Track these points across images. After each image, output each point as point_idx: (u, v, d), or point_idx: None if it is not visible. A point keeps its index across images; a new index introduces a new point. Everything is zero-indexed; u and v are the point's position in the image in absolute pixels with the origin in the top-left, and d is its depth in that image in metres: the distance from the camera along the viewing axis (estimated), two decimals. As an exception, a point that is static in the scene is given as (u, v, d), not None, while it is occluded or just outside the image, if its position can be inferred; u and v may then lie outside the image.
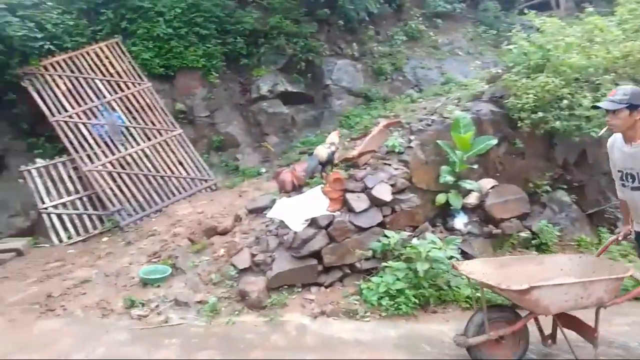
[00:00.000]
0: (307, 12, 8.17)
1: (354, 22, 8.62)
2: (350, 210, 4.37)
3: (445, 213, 4.84)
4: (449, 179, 4.68)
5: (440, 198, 4.69)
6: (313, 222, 4.29)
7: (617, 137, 2.65)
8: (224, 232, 4.77)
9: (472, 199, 4.78)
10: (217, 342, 3.36)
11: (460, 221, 4.75)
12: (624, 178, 2.66)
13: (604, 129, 2.79)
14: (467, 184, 4.73)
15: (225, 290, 4.05)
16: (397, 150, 4.88)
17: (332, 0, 8.23)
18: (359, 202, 4.37)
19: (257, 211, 4.96)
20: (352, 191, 4.49)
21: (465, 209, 4.79)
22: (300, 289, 4.10)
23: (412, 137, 5.04)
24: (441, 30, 9.69)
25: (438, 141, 4.82)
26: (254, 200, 5.26)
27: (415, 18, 9.38)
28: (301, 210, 4.48)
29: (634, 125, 2.51)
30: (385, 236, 4.20)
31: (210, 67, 7.55)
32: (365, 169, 4.77)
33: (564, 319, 2.91)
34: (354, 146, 5.50)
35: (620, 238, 2.99)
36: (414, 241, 4.15)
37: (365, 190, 4.44)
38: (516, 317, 2.91)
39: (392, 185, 4.50)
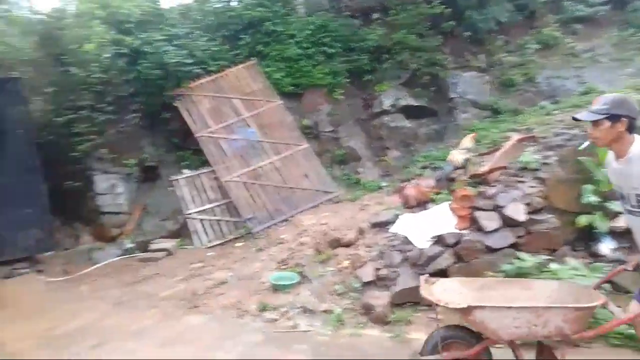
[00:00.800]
0: (432, 26, 8.10)
1: (482, 32, 8.31)
2: (480, 229, 4.18)
3: (587, 236, 4.38)
4: (593, 199, 4.23)
5: (582, 220, 4.26)
6: (439, 240, 4.19)
7: (612, 152, 2.24)
8: (347, 244, 4.89)
9: (622, 223, 4.26)
10: (344, 352, 3.45)
11: (606, 246, 4.26)
12: (621, 198, 2.25)
13: (586, 143, 2.31)
14: (615, 206, 4.23)
15: (349, 301, 4.14)
16: (531, 166, 4.57)
17: (458, 12, 8.04)
18: (489, 221, 4.16)
19: (380, 225, 5.00)
20: (482, 209, 4.29)
21: (612, 233, 4.29)
22: (424, 307, 4.03)
23: (549, 153, 4.68)
24: (580, 36, 8.88)
25: (580, 158, 4.41)
26: (377, 214, 5.31)
27: (549, 25, 8.73)
28: (426, 226, 4.41)
29: (618, 138, 2.11)
30: (519, 258, 3.94)
31: (335, 84, 7.87)
32: (495, 186, 4.54)
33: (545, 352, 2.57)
34: (482, 162, 5.28)
35: (630, 268, 2.47)
36: (553, 266, 3.83)
37: (497, 208, 4.23)
38: (477, 341, 2.63)
39: (526, 205, 4.22)
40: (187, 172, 7.01)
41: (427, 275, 2.96)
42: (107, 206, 6.90)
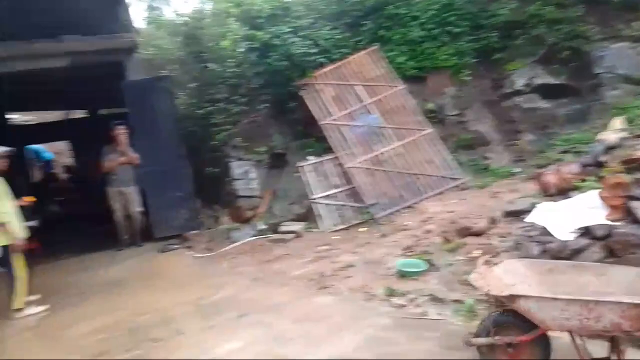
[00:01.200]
0: (574, -7, 7.28)
1: (637, -4, 7.25)
2: (636, 221, 3.70)
3: None
4: None
5: None
6: (586, 232, 3.80)
7: None
8: (478, 234, 4.68)
9: None
10: (477, 344, 3.33)
11: None
12: None
13: None
14: None
15: (481, 293, 3.97)
16: None
17: (607, -26, 7.10)
18: (649, 212, 3.67)
19: (515, 214, 4.70)
20: (638, 198, 3.80)
21: None
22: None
23: None
24: None
25: None
26: (511, 202, 4.99)
27: None
28: (569, 216, 4.03)
29: None
30: (687, 256, 3.42)
31: (460, 65, 7.52)
32: (656, 172, 3.97)
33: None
34: (637, 144, 4.64)
35: None
36: None
37: (658, 198, 3.70)
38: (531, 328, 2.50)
39: (697, 194, 3.63)
40: (312, 159, 7.29)
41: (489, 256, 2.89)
42: (242, 190, 7.50)
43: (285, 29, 7.24)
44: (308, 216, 7.06)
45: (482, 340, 2.67)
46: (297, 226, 6.73)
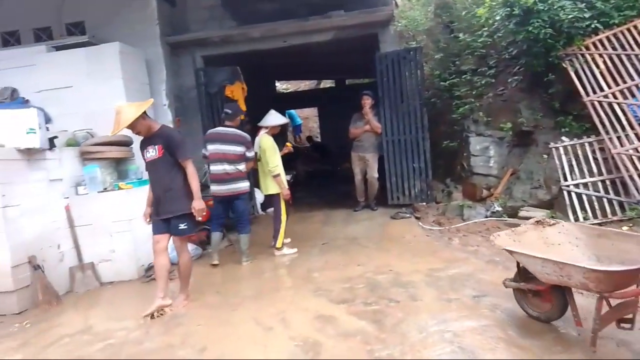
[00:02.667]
0: None
1: None
2: None
3: None
4: None
5: None
6: None
7: None
8: None
9: None
10: None
11: None
12: None
13: None
14: None
15: None
16: None
17: None
18: None
19: None
20: None
21: None
22: None
23: None
24: None
25: None
26: None
27: None
28: None
29: None
30: None
31: None
32: None
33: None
34: None
35: None
36: None
37: None
38: None
39: None
40: (566, 140, 6.40)
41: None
42: (478, 167, 7.16)
43: (553, -9, 6.37)
44: (554, 204, 6.29)
45: (512, 284, 3.22)
46: (539, 213, 6.07)
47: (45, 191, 5.20)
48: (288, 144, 6.27)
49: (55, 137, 5.49)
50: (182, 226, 4.18)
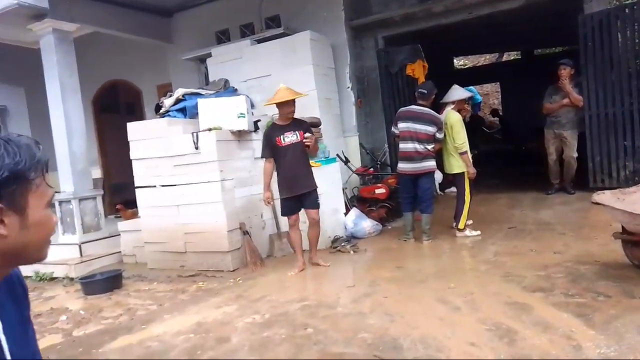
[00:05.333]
0: None
1: None
2: None
3: None
4: None
5: None
6: None
7: None
8: None
9: None
10: None
11: None
12: None
13: None
14: None
15: None
16: None
17: None
18: None
19: None
20: None
21: None
22: None
23: None
24: None
25: None
26: None
27: None
28: None
29: None
30: None
31: None
32: None
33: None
34: None
35: None
36: None
37: None
38: None
39: None
40: None
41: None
42: None
43: None
44: None
45: (621, 236, 3.76)
46: None
47: (250, 167, 5.97)
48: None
49: (258, 120, 6.24)
50: (318, 200, 4.97)
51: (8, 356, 0.95)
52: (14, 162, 0.94)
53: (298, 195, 4.89)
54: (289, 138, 4.81)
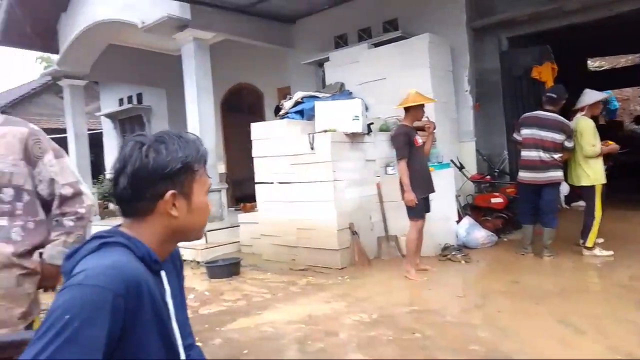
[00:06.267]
0: None
1: None
2: None
3: None
4: None
5: None
6: None
7: None
8: None
9: None
10: None
11: None
12: None
13: None
14: None
15: None
16: None
17: None
18: None
19: None
20: None
21: None
22: None
23: None
24: None
25: None
26: None
27: None
28: None
29: None
30: None
31: None
32: None
33: None
34: None
35: None
36: None
37: None
38: None
39: None
40: None
41: None
42: None
43: None
44: None
45: None
46: None
47: (362, 169, 6.08)
48: (609, 142, 5.31)
49: (372, 123, 6.33)
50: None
51: (174, 317, 1.13)
52: (185, 155, 1.12)
53: (427, 197, 4.99)
54: (420, 139, 4.94)
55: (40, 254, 1.79)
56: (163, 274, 1.15)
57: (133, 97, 13.52)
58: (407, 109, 4.89)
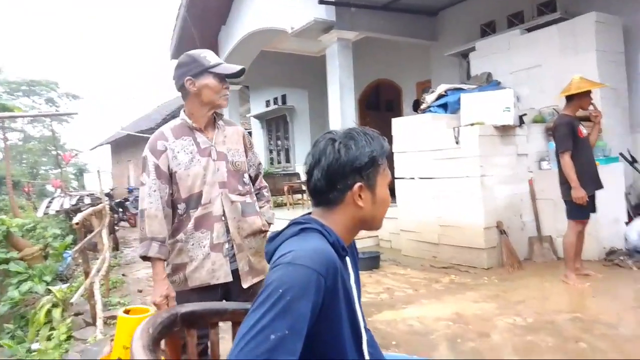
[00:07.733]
0: None
1: None
2: None
3: None
4: None
5: None
6: None
7: None
8: None
9: None
10: None
11: None
12: None
13: None
14: None
15: None
16: None
17: None
18: None
19: None
20: None
21: None
22: None
23: None
24: None
25: None
26: None
27: None
28: None
29: None
30: None
31: None
32: None
33: None
34: None
35: None
36: None
37: None
38: None
39: None
40: None
41: None
42: None
43: None
44: None
45: None
46: None
47: (513, 164, 5.69)
48: None
49: (524, 114, 5.88)
50: None
51: (357, 301, 1.23)
52: (371, 150, 1.20)
53: (593, 195, 4.44)
54: (585, 130, 4.43)
55: None
56: (348, 259, 1.25)
57: (278, 98, 14.55)
58: (570, 97, 4.42)
